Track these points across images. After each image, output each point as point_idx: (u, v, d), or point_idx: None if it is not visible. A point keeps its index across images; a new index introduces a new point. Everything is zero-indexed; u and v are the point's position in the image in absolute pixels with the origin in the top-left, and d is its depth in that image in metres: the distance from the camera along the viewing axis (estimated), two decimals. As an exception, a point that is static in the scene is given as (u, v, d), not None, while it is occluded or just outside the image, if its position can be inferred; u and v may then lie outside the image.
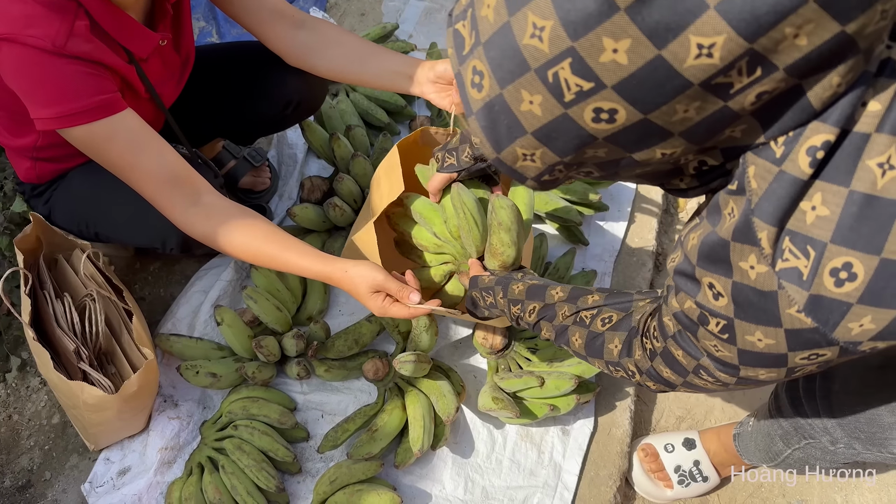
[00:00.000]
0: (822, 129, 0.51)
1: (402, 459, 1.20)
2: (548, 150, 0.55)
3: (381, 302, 1.02)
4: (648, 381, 0.77)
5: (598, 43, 0.46)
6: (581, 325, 0.86)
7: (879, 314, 0.53)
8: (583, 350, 0.86)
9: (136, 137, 1.01)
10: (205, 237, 1.05)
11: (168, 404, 1.27)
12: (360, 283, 1.01)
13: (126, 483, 1.19)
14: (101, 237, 1.26)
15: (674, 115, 0.49)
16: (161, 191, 1.03)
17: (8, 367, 1.32)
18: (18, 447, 1.26)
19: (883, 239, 0.51)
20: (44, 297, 1.17)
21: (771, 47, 0.45)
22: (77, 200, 1.23)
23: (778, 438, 1.07)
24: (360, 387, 1.32)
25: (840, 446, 0.96)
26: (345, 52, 1.23)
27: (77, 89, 0.96)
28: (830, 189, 0.52)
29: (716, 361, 0.66)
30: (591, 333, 0.85)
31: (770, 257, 0.55)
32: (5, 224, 1.39)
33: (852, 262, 0.52)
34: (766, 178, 0.54)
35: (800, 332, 0.56)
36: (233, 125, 1.41)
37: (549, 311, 0.91)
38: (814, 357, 0.59)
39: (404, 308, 1.02)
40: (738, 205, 0.56)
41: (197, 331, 1.35)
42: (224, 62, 1.36)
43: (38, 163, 1.20)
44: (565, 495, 1.21)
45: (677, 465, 1.25)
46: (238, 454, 1.16)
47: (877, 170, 0.51)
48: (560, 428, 1.28)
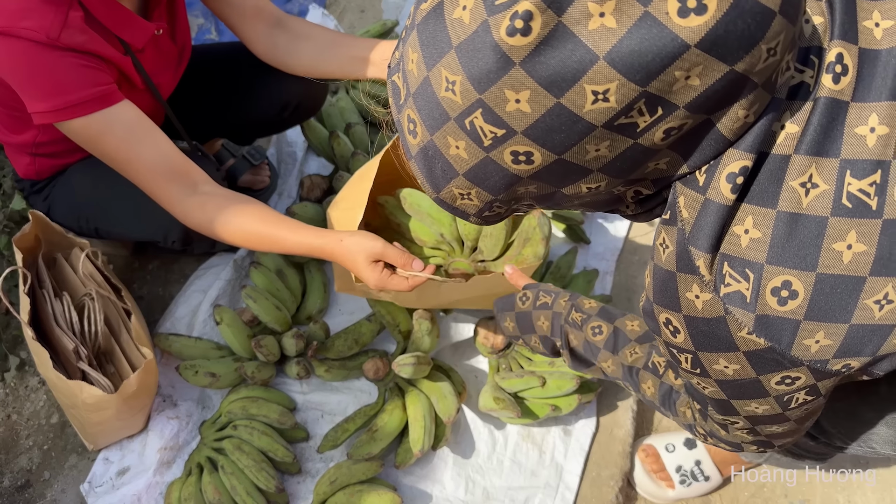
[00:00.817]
0: (737, 156, 0.53)
1: (403, 460, 1.19)
2: (481, 189, 0.58)
3: (379, 273, 0.97)
4: (720, 443, 0.79)
5: (501, 94, 0.50)
6: (654, 373, 0.86)
7: (831, 329, 0.54)
8: (656, 399, 0.86)
9: (134, 129, 1.01)
10: (201, 225, 1.04)
11: (167, 404, 1.26)
12: (358, 252, 0.97)
13: (125, 483, 1.18)
14: (101, 232, 1.26)
15: (586, 154, 0.52)
16: (158, 182, 1.03)
17: (7, 366, 1.32)
18: (17, 447, 1.25)
19: (815, 255, 0.53)
20: (43, 296, 1.17)
21: (665, 89, 0.48)
22: (77, 196, 1.22)
23: None
24: (361, 387, 1.31)
25: (822, 441, 0.96)
26: (313, 46, 1.22)
27: (73, 81, 0.95)
28: (759, 211, 0.54)
29: (712, 401, 0.68)
30: (665, 386, 0.85)
31: (711, 284, 0.56)
32: (4, 222, 1.38)
33: (791, 281, 0.54)
34: (694, 206, 0.56)
35: (758, 354, 0.58)
36: (231, 126, 1.41)
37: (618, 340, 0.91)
38: (789, 381, 0.60)
39: (403, 280, 0.97)
40: (670, 235, 0.58)
41: (196, 330, 1.34)
42: (223, 62, 1.35)
43: (38, 159, 1.19)
44: (567, 496, 1.20)
45: (679, 465, 1.25)
46: (237, 454, 1.16)
47: (800, 189, 0.53)
48: (561, 428, 1.27)
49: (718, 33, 0.46)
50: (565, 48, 0.47)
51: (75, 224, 1.25)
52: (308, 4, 1.96)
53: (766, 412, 0.65)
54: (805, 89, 0.53)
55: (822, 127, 0.53)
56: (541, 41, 0.47)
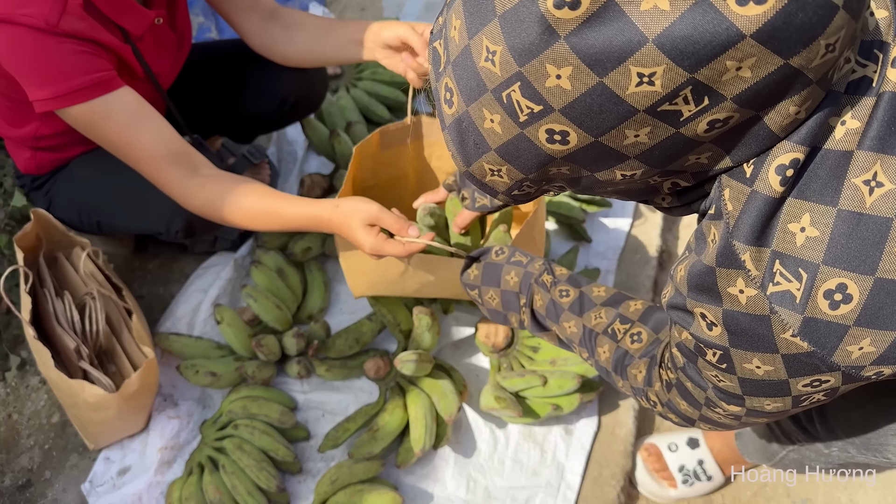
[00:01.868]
0: (788, 148, 0.51)
1: (404, 459, 1.19)
2: (512, 167, 0.56)
3: (374, 237, 0.95)
4: (669, 413, 0.77)
5: (541, 69, 0.48)
6: (612, 338, 0.84)
7: (878, 336, 0.52)
8: (609, 365, 0.85)
9: (134, 114, 1.01)
10: (202, 206, 1.04)
11: (168, 403, 1.26)
12: (354, 216, 0.95)
13: (126, 482, 1.18)
14: (103, 226, 1.25)
15: (625, 139, 0.50)
16: (159, 166, 1.03)
17: (7, 365, 1.32)
18: (18, 446, 1.25)
19: (877, 258, 0.51)
20: (44, 296, 1.17)
21: (714, 78, 0.46)
22: (79, 189, 1.22)
23: (774, 439, 1.06)
24: (361, 386, 1.31)
25: (834, 450, 0.95)
26: (306, 34, 1.22)
27: (73, 68, 0.95)
28: (817, 209, 0.52)
29: (720, 392, 0.65)
30: (620, 350, 0.83)
31: (758, 280, 0.54)
32: (5, 221, 1.38)
33: (846, 284, 0.52)
34: (740, 199, 0.54)
35: (797, 357, 0.56)
36: (231, 123, 1.41)
37: (584, 304, 0.89)
38: (817, 384, 0.58)
39: (399, 245, 0.95)
40: (718, 230, 0.56)
41: (196, 329, 1.34)
42: (221, 59, 1.35)
43: (38, 153, 1.19)
44: (568, 495, 1.20)
45: (681, 465, 1.25)
46: (238, 454, 1.16)
47: (863, 187, 0.51)
48: (563, 427, 1.27)
49: (777, 25, 0.44)
50: (614, 26, 0.45)
51: (77, 218, 1.24)
52: (308, 2, 1.95)
53: (773, 409, 0.64)
54: (867, 84, 0.51)
55: (887, 123, 0.50)
56: (589, 16, 0.46)
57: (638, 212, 1.58)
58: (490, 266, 0.98)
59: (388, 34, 1.13)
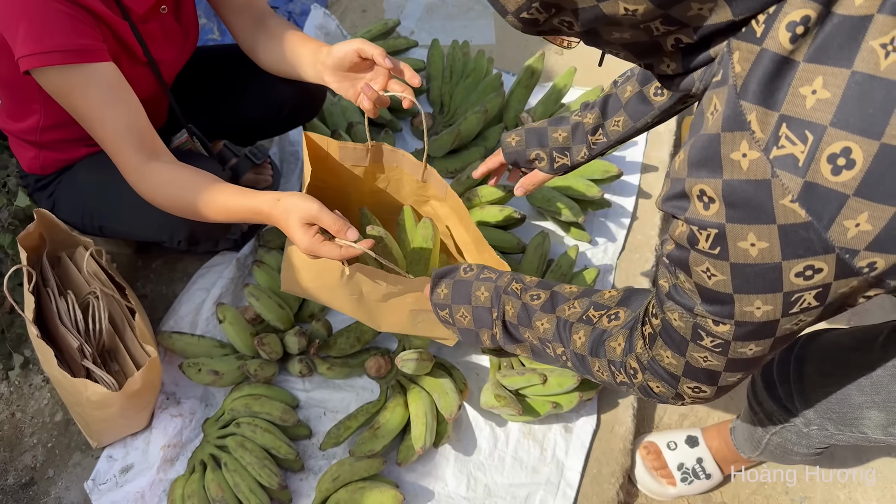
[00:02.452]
0: (799, 4, 0.51)
1: (405, 457, 1.20)
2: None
3: (310, 237, 0.91)
4: (652, 379, 0.76)
5: None
6: (587, 322, 0.84)
7: (876, 211, 0.52)
8: (585, 349, 0.84)
9: (112, 91, 1.01)
10: (152, 193, 1.04)
11: (171, 402, 1.27)
12: (293, 212, 0.91)
13: (129, 480, 1.19)
14: (106, 231, 1.26)
15: None
16: (121, 147, 1.03)
17: (11, 364, 1.33)
18: (21, 445, 1.26)
19: (884, 122, 0.50)
20: (47, 295, 1.17)
21: None
22: (83, 193, 1.22)
23: (758, 424, 1.08)
24: (363, 384, 1.32)
25: (813, 428, 0.96)
26: (280, 47, 1.21)
27: (57, 28, 0.95)
28: (831, 71, 0.51)
29: (708, 302, 0.64)
30: (597, 330, 0.83)
31: (763, 142, 0.54)
32: (9, 221, 1.39)
33: (851, 148, 0.51)
34: (749, 59, 0.54)
35: (793, 230, 0.55)
36: (230, 127, 1.42)
37: (556, 301, 0.88)
38: (810, 273, 0.57)
39: (335, 248, 0.91)
40: (720, 98, 0.56)
41: (199, 328, 1.35)
42: (223, 64, 1.36)
43: (42, 151, 1.20)
44: (568, 493, 1.21)
45: (680, 463, 1.25)
46: (240, 452, 1.16)
47: (880, 51, 0.50)
48: (563, 425, 1.28)
49: None
50: None
51: (79, 221, 1.25)
52: (310, 4, 1.96)
53: (761, 317, 0.62)
54: None
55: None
56: None
57: (636, 212, 1.59)
58: (460, 283, 0.96)
59: (339, 52, 1.07)
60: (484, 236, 1.42)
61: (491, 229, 1.42)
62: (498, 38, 1.95)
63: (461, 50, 1.76)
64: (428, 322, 1.08)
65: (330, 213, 0.91)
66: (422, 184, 1.20)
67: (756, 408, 1.06)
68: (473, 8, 2.03)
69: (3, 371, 1.32)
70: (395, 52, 1.80)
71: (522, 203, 1.55)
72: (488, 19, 2.00)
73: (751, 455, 1.16)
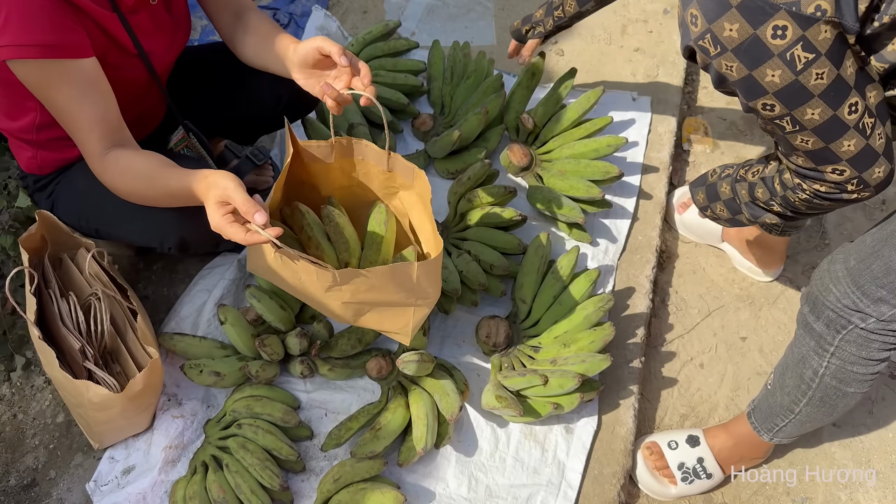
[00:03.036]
0: None
1: (406, 458, 1.20)
2: None
3: (220, 215, 0.90)
4: (811, 183, 0.96)
5: None
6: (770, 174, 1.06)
7: None
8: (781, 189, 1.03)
9: (87, 88, 1.01)
10: (112, 181, 1.06)
11: (172, 403, 1.27)
12: (211, 189, 0.92)
13: (130, 482, 1.19)
14: (102, 234, 1.27)
15: None
16: (87, 137, 1.04)
17: (13, 366, 1.33)
18: (23, 446, 1.26)
19: None
20: (49, 296, 1.18)
21: None
22: (79, 196, 1.23)
23: (812, 354, 1.05)
24: (364, 385, 1.32)
25: (871, 321, 0.96)
26: (256, 41, 1.23)
27: (41, 23, 0.95)
28: None
29: (746, 94, 0.85)
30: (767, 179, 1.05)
31: None
32: (10, 222, 1.39)
33: None
34: None
35: (744, 5, 0.76)
36: (229, 123, 1.42)
37: None
38: (781, 33, 0.76)
39: (242, 230, 0.90)
40: None
41: (200, 329, 1.35)
42: (217, 60, 1.36)
43: (40, 151, 1.20)
44: (569, 493, 1.21)
45: (681, 463, 1.26)
46: (242, 453, 1.17)
47: None
48: (564, 426, 1.28)
49: None
50: None
51: (76, 223, 1.25)
52: (311, 5, 1.97)
53: (780, 83, 0.81)
54: None
55: None
56: None
57: (637, 213, 1.59)
58: (710, 187, 1.21)
59: (303, 50, 1.10)
60: (485, 237, 1.42)
61: (492, 230, 1.42)
62: (498, 39, 1.95)
63: (462, 51, 1.76)
64: (375, 315, 1.06)
65: (243, 194, 0.89)
66: (388, 174, 1.19)
67: (814, 324, 1.04)
68: (474, 9, 2.03)
69: (4, 372, 1.33)
70: (395, 53, 1.80)
71: (523, 204, 1.55)
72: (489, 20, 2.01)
73: (781, 423, 1.16)
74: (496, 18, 2.00)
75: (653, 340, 1.49)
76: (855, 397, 1.06)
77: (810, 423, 1.14)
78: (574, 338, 1.28)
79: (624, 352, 1.38)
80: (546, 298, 1.36)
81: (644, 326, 1.42)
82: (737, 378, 1.45)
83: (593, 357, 1.22)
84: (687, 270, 1.60)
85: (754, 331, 1.51)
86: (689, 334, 1.51)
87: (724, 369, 1.46)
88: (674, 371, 1.46)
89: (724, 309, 1.54)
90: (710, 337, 1.51)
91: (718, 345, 1.50)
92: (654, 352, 1.48)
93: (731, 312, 1.54)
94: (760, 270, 1.54)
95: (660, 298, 1.55)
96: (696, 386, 1.44)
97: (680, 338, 1.50)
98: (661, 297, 1.55)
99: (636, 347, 1.39)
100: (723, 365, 1.47)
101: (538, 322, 1.35)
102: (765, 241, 1.48)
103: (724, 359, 1.47)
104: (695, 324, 1.52)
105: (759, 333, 1.51)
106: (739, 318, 1.53)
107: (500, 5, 2.02)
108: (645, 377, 1.42)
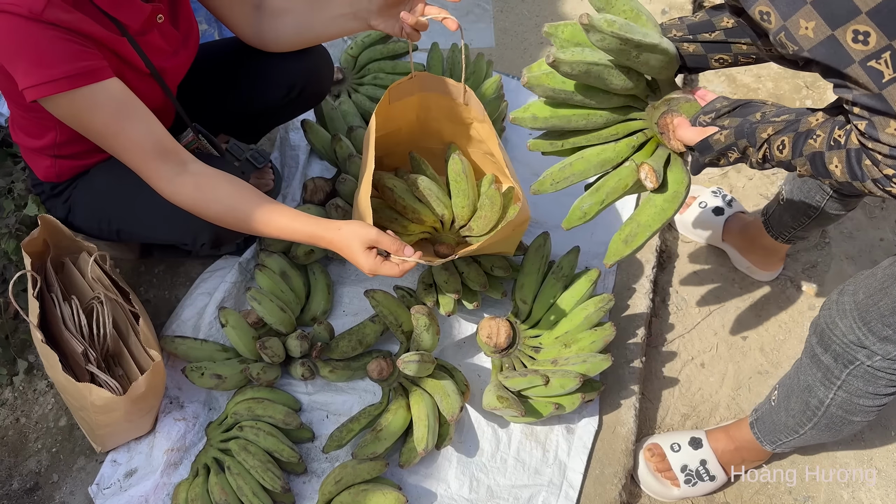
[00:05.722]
0: None
1: (407, 459, 1.20)
2: None
3: (373, 259, 1.03)
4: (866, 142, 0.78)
5: None
6: (837, 147, 0.82)
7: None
8: (846, 176, 0.81)
9: (122, 106, 1.02)
10: (193, 205, 1.07)
11: (174, 406, 1.27)
12: (354, 239, 1.03)
13: (133, 484, 1.20)
14: (123, 235, 1.26)
15: None
16: (147, 160, 1.05)
17: (15, 370, 1.33)
18: (26, 450, 1.27)
19: None
20: (51, 300, 1.18)
21: None
22: (100, 198, 1.22)
23: (818, 385, 1.05)
24: (365, 387, 1.32)
25: (877, 359, 0.95)
26: (294, 17, 1.24)
27: (57, 56, 0.96)
28: None
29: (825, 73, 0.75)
30: (850, 153, 0.80)
31: None
32: (15, 227, 1.39)
33: None
34: None
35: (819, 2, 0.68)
36: (239, 118, 1.41)
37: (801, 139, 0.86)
38: (862, 38, 0.68)
39: (394, 266, 1.03)
40: None
41: (202, 332, 1.35)
42: (224, 56, 1.36)
43: (58, 161, 1.20)
44: (570, 494, 1.21)
45: (684, 465, 1.26)
46: (244, 455, 1.17)
47: None
48: (565, 426, 1.28)
49: None
50: None
51: (96, 226, 1.25)
52: (310, 9, 1.97)
53: None
54: None
55: None
56: None
57: (638, 213, 1.60)
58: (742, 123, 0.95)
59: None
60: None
61: (492, 231, 1.42)
62: (497, 41, 1.96)
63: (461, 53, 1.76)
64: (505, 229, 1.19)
65: (387, 236, 1.02)
66: (464, 106, 1.31)
67: (822, 356, 1.03)
68: (472, 11, 2.03)
69: (7, 376, 1.33)
70: (394, 55, 1.80)
71: (523, 205, 1.55)
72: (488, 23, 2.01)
73: (785, 440, 1.16)
74: (495, 21, 2.00)
75: (653, 340, 1.49)
76: (861, 424, 1.06)
77: (815, 441, 1.15)
78: (575, 338, 1.28)
79: (625, 352, 1.38)
80: (547, 299, 1.36)
81: (645, 326, 1.42)
82: (738, 377, 1.45)
83: (594, 357, 1.23)
84: (687, 270, 1.60)
85: (755, 330, 1.51)
86: (689, 334, 1.51)
87: (724, 368, 1.46)
88: (675, 371, 1.46)
89: (725, 308, 1.54)
90: (711, 336, 1.51)
91: (719, 344, 1.50)
92: (655, 351, 1.48)
93: (732, 312, 1.54)
94: (760, 270, 1.54)
95: (660, 298, 1.55)
96: (697, 385, 1.44)
97: (680, 337, 1.51)
98: (662, 297, 1.56)
99: (637, 347, 1.39)
100: (724, 364, 1.47)
101: (539, 322, 1.36)
102: (765, 243, 1.48)
103: (724, 358, 1.48)
104: (695, 323, 1.52)
105: (759, 332, 1.51)
106: (740, 318, 1.53)
107: (500, 7, 2.03)
108: (646, 377, 1.43)
